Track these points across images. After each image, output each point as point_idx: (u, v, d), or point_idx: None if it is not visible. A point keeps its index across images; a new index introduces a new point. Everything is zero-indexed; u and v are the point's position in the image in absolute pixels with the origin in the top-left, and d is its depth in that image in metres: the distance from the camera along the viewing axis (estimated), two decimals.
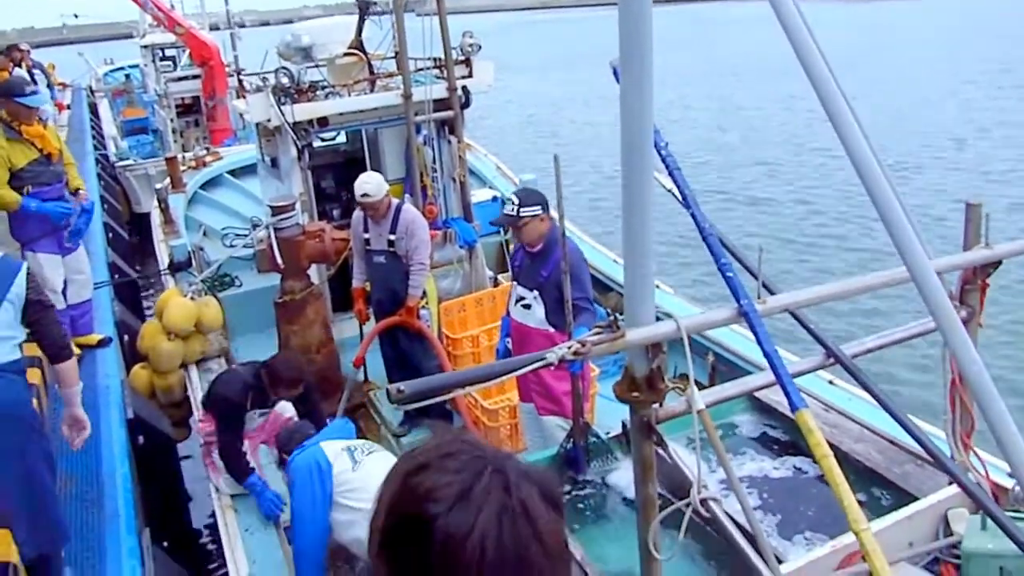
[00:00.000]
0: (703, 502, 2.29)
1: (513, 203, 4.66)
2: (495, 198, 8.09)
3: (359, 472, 3.77)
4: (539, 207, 4.59)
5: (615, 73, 2.55)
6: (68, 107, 18.47)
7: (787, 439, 4.45)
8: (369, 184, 5.47)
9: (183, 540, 5.76)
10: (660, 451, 2.50)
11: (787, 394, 2.27)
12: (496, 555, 0.93)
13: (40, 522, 3.49)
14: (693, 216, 2.62)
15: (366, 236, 5.69)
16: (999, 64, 27.34)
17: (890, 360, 7.87)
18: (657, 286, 6.80)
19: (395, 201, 5.67)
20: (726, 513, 2.41)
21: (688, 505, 2.27)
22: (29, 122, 5.64)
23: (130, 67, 20.95)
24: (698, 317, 2.43)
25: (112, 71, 22.36)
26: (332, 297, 6.73)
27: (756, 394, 4.54)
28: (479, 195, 7.76)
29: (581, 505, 4.34)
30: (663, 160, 2.72)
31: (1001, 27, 38.07)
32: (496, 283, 7.11)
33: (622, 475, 4.36)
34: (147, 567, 3.91)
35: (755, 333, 2.40)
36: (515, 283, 4.93)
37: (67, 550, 3.90)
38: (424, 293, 5.86)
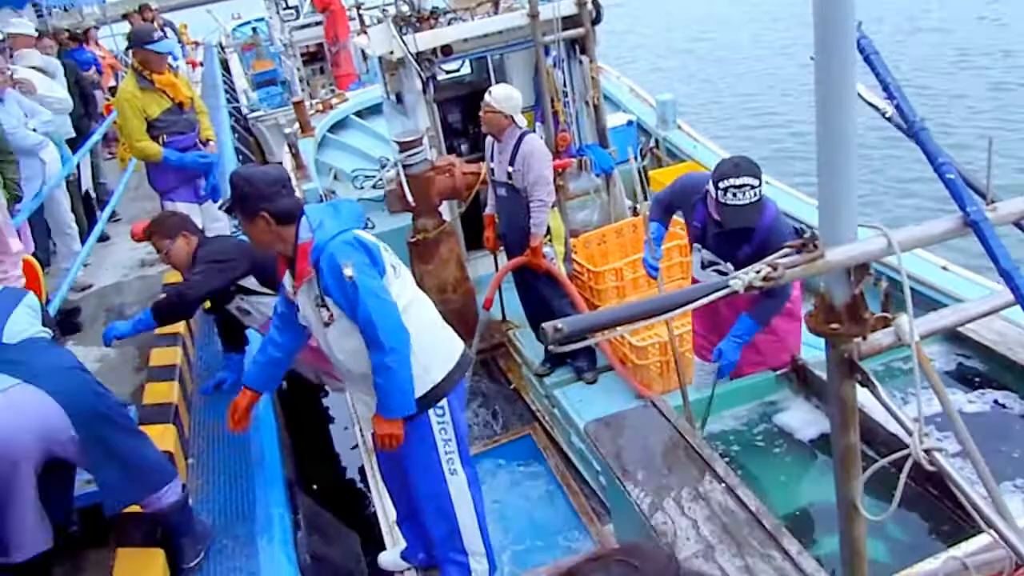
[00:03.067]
0: (927, 453, 1.89)
1: (752, 186, 3.51)
2: (630, 122, 7.62)
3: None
4: None
5: None
6: (201, 64, 19.03)
7: (985, 371, 3.89)
8: (496, 90, 5.12)
9: (330, 484, 5.81)
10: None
11: None
12: None
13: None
14: (899, 108, 2.14)
15: (491, 165, 5.40)
16: None
17: None
18: None
19: (519, 130, 5.14)
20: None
21: (908, 457, 1.88)
22: (160, 70, 5.65)
23: (256, 21, 21.29)
24: (913, 230, 1.97)
25: (240, 26, 22.80)
26: (465, 235, 6.53)
27: None
28: (613, 119, 7.31)
29: (745, 448, 3.97)
30: (857, 44, 2.25)
31: None
32: (635, 212, 6.70)
33: (791, 415, 3.95)
34: (300, 512, 3.88)
35: (987, 247, 1.92)
36: (698, 245, 4.09)
37: (218, 492, 3.91)
38: (548, 230, 5.52)
